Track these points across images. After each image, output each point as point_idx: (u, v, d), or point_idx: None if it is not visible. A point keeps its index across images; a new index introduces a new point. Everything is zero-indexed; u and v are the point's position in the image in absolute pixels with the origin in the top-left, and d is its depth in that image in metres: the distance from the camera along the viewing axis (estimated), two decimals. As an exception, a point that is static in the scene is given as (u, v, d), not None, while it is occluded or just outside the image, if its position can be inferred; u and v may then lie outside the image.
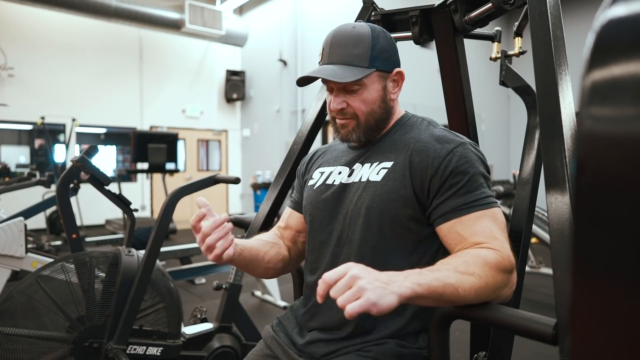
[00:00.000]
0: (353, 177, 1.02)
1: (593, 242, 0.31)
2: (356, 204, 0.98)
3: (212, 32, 8.03)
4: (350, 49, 0.96)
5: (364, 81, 0.97)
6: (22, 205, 3.33)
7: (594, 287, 0.31)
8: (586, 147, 0.30)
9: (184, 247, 4.52)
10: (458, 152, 0.92)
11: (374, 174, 0.98)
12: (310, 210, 1.08)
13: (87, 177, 2.04)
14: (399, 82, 1.03)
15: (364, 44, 0.96)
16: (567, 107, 0.77)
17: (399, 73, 1.02)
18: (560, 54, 0.82)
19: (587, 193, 0.31)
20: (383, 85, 1.00)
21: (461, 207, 0.89)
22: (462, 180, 0.90)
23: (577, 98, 0.32)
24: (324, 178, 1.08)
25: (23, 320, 1.69)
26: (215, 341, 2.06)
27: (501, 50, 1.26)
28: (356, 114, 0.99)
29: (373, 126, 1.01)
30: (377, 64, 0.97)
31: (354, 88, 0.97)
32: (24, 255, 2.28)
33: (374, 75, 0.98)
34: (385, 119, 1.02)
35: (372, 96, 0.98)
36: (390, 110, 1.03)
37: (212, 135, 9.62)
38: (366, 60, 0.96)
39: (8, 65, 7.13)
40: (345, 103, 0.99)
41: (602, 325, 0.30)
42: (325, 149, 1.18)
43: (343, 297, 0.69)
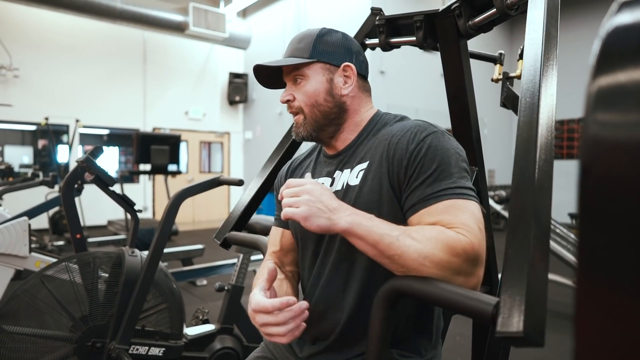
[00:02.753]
0: (335, 185, 1.00)
1: (598, 246, 0.31)
2: None
3: (215, 35, 8.07)
4: (295, 44, 1.01)
5: (305, 72, 0.99)
6: (25, 205, 3.34)
7: (598, 292, 0.31)
8: (591, 152, 0.31)
9: (186, 248, 4.53)
10: (429, 139, 0.88)
11: (352, 177, 0.96)
12: (296, 225, 1.05)
13: (92, 177, 2.06)
14: (351, 77, 1.00)
15: (308, 39, 1.00)
16: (548, 98, 0.78)
17: (348, 67, 1.00)
18: (550, 50, 0.83)
19: (591, 198, 0.31)
20: (328, 78, 0.99)
21: (429, 197, 0.84)
22: (430, 169, 0.85)
23: (583, 104, 0.32)
24: None
25: (27, 320, 1.70)
26: (217, 342, 2.06)
27: (503, 72, 1.27)
28: (301, 107, 1.00)
29: (320, 119, 1.00)
30: (319, 56, 0.98)
31: (298, 79, 1.00)
32: (28, 254, 2.29)
33: (316, 67, 0.99)
34: (336, 113, 1.00)
35: (315, 87, 0.98)
36: (343, 106, 1.00)
37: (214, 137, 9.65)
38: (307, 52, 0.98)
39: (13, 66, 7.17)
40: (291, 95, 1.01)
41: (606, 329, 0.31)
42: (300, 161, 1.16)
43: (285, 201, 0.82)
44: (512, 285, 0.60)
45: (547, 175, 0.69)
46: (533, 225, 0.64)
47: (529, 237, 0.63)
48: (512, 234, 0.65)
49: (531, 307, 0.58)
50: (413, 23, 1.22)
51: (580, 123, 8.31)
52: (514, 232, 0.65)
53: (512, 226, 0.66)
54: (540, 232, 0.64)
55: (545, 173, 0.69)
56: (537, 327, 0.57)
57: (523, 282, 0.60)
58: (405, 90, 7.86)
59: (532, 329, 0.57)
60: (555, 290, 3.86)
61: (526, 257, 0.61)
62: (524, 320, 0.57)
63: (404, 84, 7.89)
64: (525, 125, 0.75)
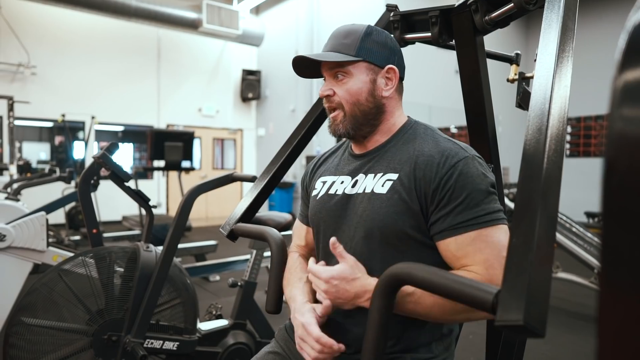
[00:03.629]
0: (357, 187, 1.00)
1: (622, 245, 0.31)
2: (361, 215, 0.96)
3: (228, 32, 8.10)
4: (340, 39, 1.00)
5: (350, 69, 0.98)
6: (42, 201, 3.41)
7: (623, 293, 0.31)
8: (617, 148, 0.30)
9: (199, 244, 4.57)
10: (459, 167, 0.90)
11: (379, 185, 0.96)
12: (315, 221, 1.08)
13: (108, 173, 2.08)
14: (392, 80, 1.01)
15: (355, 36, 0.99)
16: (561, 89, 0.77)
17: (391, 69, 1.00)
18: (566, 41, 0.81)
19: (616, 195, 0.31)
20: (372, 78, 0.99)
21: (458, 226, 0.88)
22: (460, 196, 0.88)
23: (608, 99, 0.32)
24: (327, 188, 1.07)
25: (45, 312, 1.73)
26: (230, 338, 2.08)
27: (519, 72, 1.25)
28: (342, 103, 1.00)
29: (360, 118, 1.00)
30: (366, 55, 0.98)
31: (341, 75, 0.99)
32: (45, 249, 2.33)
33: (361, 66, 0.98)
34: (374, 114, 1.01)
35: (357, 86, 0.98)
36: (382, 107, 1.01)
37: (227, 134, 9.70)
38: (353, 50, 0.97)
39: (31, 64, 7.29)
40: (331, 90, 1.00)
41: (631, 331, 0.30)
42: (326, 157, 1.17)
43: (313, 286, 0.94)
44: (515, 274, 0.59)
45: (556, 165, 0.68)
46: (539, 214, 0.62)
47: (534, 226, 0.61)
48: (517, 223, 0.64)
49: (533, 297, 0.56)
50: (428, 19, 1.21)
51: (597, 120, 8.16)
52: (519, 221, 0.64)
53: (518, 215, 0.65)
54: (547, 221, 0.62)
55: (555, 163, 0.68)
56: (539, 316, 0.56)
57: (526, 271, 0.58)
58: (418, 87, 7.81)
59: (532, 319, 0.55)
60: (570, 290, 3.81)
61: (530, 246, 0.60)
62: (525, 309, 0.55)
63: (417, 81, 7.84)
64: (536, 114, 0.74)
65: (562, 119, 0.72)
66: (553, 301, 3.67)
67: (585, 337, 2.93)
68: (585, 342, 2.83)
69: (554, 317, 3.32)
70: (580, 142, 8.49)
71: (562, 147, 0.70)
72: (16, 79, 7.27)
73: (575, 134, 8.51)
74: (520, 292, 0.57)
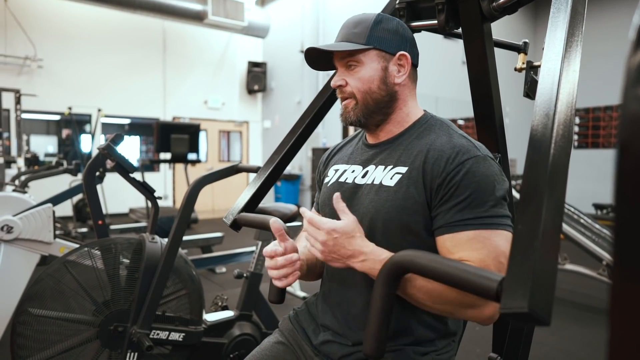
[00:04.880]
0: (367, 178, 1.00)
1: (637, 233, 0.29)
2: (367, 206, 0.96)
3: (234, 24, 8.06)
4: (351, 28, 0.99)
5: (360, 58, 0.97)
6: (49, 193, 3.43)
7: (637, 279, 0.29)
8: (631, 130, 0.29)
9: (205, 236, 4.59)
10: (468, 164, 0.87)
11: (387, 178, 0.96)
12: (324, 207, 1.08)
13: (113, 164, 2.08)
14: (405, 66, 1.00)
15: (365, 25, 0.98)
16: (570, 74, 0.74)
17: (403, 56, 0.99)
18: (575, 25, 0.79)
19: (631, 177, 0.29)
20: (383, 65, 0.98)
21: (456, 223, 0.85)
22: (464, 194, 0.85)
23: (622, 79, 0.30)
24: (338, 176, 1.08)
25: (52, 303, 1.74)
26: (236, 329, 2.09)
27: (527, 61, 1.23)
28: (354, 92, 0.99)
29: (372, 107, 0.99)
30: (376, 43, 0.97)
31: (352, 65, 0.98)
32: (52, 240, 2.34)
33: (372, 53, 0.97)
34: (387, 102, 1.00)
35: (369, 74, 0.98)
36: (395, 95, 1.00)
37: (233, 127, 9.70)
38: (363, 38, 0.97)
39: (37, 57, 7.31)
40: (344, 81, 1.00)
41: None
42: (342, 146, 1.18)
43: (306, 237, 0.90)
44: (519, 261, 0.58)
45: (564, 151, 0.66)
46: (545, 200, 0.60)
47: (540, 212, 0.60)
48: (522, 209, 0.62)
49: (538, 284, 0.55)
50: (435, 6, 1.18)
51: (607, 111, 8.05)
52: (524, 207, 0.62)
53: (523, 201, 0.63)
54: (553, 207, 0.61)
55: (562, 149, 0.66)
56: (544, 304, 0.55)
57: (531, 257, 0.57)
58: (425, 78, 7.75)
59: (537, 306, 0.54)
60: (578, 282, 3.78)
61: (536, 233, 0.58)
62: (530, 297, 0.54)
63: (424, 72, 7.78)
64: (544, 99, 0.72)
65: (570, 104, 0.71)
66: (561, 293, 3.65)
67: (592, 328, 2.92)
68: (593, 334, 2.82)
69: (561, 308, 3.30)
70: (589, 133, 8.39)
71: (570, 132, 0.68)
72: (23, 72, 7.30)
73: (584, 125, 8.41)
74: (525, 279, 0.56)
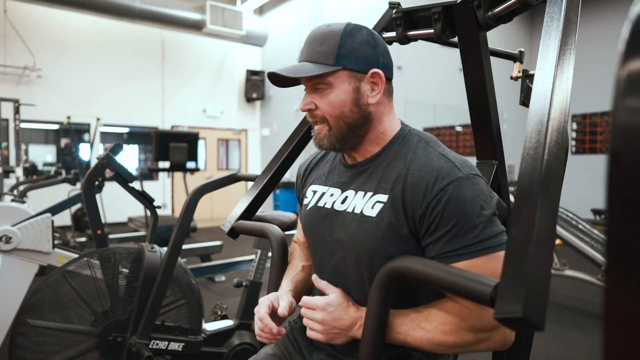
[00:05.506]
0: (346, 204, 0.95)
1: (628, 239, 0.30)
2: (350, 238, 0.92)
3: (232, 33, 8.11)
4: (316, 46, 0.91)
5: (329, 80, 0.90)
6: (48, 202, 3.42)
7: (629, 288, 0.30)
8: (621, 140, 0.30)
9: (205, 244, 4.58)
10: (450, 190, 0.82)
11: (368, 207, 0.90)
12: (306, 230, 1.05)
13: (112, 174, 2.09)
14: (378, 84, 0.92)
15: (331, 42, 0.89)
16: (563, 81, 0.76)
17: (376, 74, 0.91)
18: (568, 34, 0.80)
19: (621, 186, 0.30)
20: (355, 86, 0.90)
21: (447, 254, 0.82)
22: (449, 223, 0.81)
23: (612, 90, 0.31)
24: (317, 199, 1.03)
25: (50, 314, 1.74)
26: (236, 338, 2.08)
27: (522, 70, 1.24)
28: (325, 117, 0.92)
29: (345, 131, 0.92)
30: (345, 62, 0.89)
31: (321, 87, 0.91)
32: (51, 250, 2.34)
33: (342, 74, 0.90)
34: (361, 125, 0.93)
35: (340, 97, 0.90)
36: (369, 116, 0.93)
37: (232, 135, 9.71)
38: (331, 58, 0.88)
39: (36, 67, 7.33)
40: (313, 104, 0.93)
41: (637, 323, 0.30)
42: (317, 160, 1.12)
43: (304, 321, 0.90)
44: (514, 266, 0.58)
45: (557, 157, 0.67)
46: (539, 206, 0.61)
47: (534, 218, 0.60)
48: (516, 215, 0.63)
49: (532, 289, 0.56)
50: (431, 15, 1.20)
51: (603, 117, 8.09)
52: (518, 213, 0.63)
53: (517, 207, 0.64)
54: (547, 213, 0.61)
55: (556, 155, 0.67)
56: (538, 308, 0.55)
57: (525, 262, 0.57)
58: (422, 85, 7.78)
59: (532, 311, 0.55)
60: (577, 288, 3.78)
61: (529, 238, 0.59)
62: (524, 301, 0.55)
63: (421, 79, 7.81)
64: (538, 107, 0.73)
65: (563, 112, 0.72)
66: (560, 299, 3.64)
67: (593, 334, 2.91)
68: (594, 340, 2.81)
69: (561, 314, 3.30)
70: (586, 139, 8.43)
71: (563, 139, 0.69)
72: (22, 81, 7.32)
73: (581, 130, 8.45)
74: (519, 284, 0.56)
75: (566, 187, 1.09)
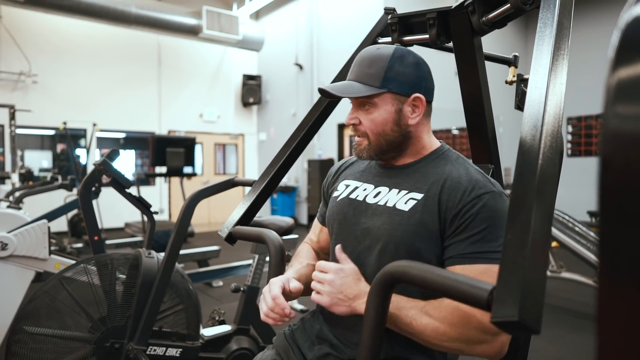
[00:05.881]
0: (378, 198, 1.01)
1: (619, 243, 0.30)
2: (379, 228, 0.96)
3: (228, 37, 8.13)
4: (365, 68, 0.98)
5: (375, 100, 0.98)
6: (44, 208, 3.41)
7: (621, 291, 0.30)
8: (612, 146, 0.30)
9: (202, 250, 4.56)
10: (485, 198, 0.89)
11: (401, 202, 0.96)
12: (332, 222, 1.08)
13: (109, 180, 2.08)
14: (419, 108, 1.00)
15: (379, 65, 0.97)
16: (557, 86, 0.77)
17: (418, 99, 0.99)
18: (561, 39, 0.81)
19: (612, 193, 0.30)
20: (397, 108, 0.98)
21: (469, 255, 0.87)
22: (479, 227, 0.87)
23: (603, 96, 0.31)
24: (349, 191, 1.08)
25: (47, 321, 1.73)
26: (233, 343, 2.07)
27: (517, 74, 1.25)
28: (367, 133, 1.00)
29: (384, 148, 1.00)
30: (391, 85, 0.97)
31: (366, 106, 0.99)
32: (47, 257, 2.33)
33: (386, 96, 0.97)
34: (400, 142, 1.01)
35: (383, 117, 0.98)
36: (409, 135, 1.01)
37: (229, 139, 9.71)
38: (378, 80, 0.96)
39: (32, 72, 7.32)
40: (357, 119, 1.01)
41: (630, 329, 0.30)
42: (354, 160, 1.18)
43: (312, 284, 0.90)
44: (509, 270, 0.59)
45: (552, 161, 0.68)
46: (534, 210, 0.62)
47: (529, 222, 0.61)
48: (511, 218, 0.64)
49: (528, 292, 0.56)
50: (426, 21, 1.21)
51: (598, 119, 8.14)
52: (513, 217, 0.63)
53: (513, 211, 0.64)
54: (542, 217, 0.62)
55: (550, 159, 0.68)
56: (534, 312, 0.56)
57: (520, 266, 0.58)
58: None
59: (528, 314, 0.55)
60: (574, 290, 3.79)
61: (525, 242, 0.60)
62: (520, 305, 0.55)
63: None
64: (532, 112, 0.74)
65: (557, 116, 0.72)
66: (557, 301, 3.65)
67: (590, 336, 2.92)
68: (591, 342, 2.82)
69: (559, 317, 3.30)
70: (582, 142, 8.47)
71: (558, 143, 0.70)
72: (17, 87, 7.31)
73: (577, 133, 8.49)
74: (515, 287, 0.57)
75: (562, 190, 1.10)
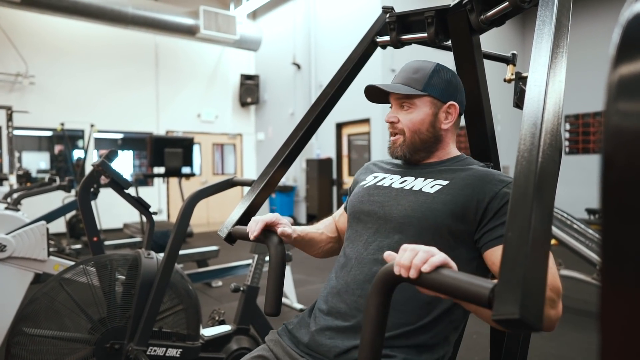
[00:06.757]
0: (404, 184, 1.09)
1: (622, 240, 0.30)
2: (404, 206, 1.03)
3: (226, 37, 8.12)
4: (410, 73, 1.12)
5: (415, 102, 1.09)
6: (42, 210, 3.40)
7: (624, 288, 0.30)
8: (613, 143, 0.30)
9: (201, 250, 4.56)
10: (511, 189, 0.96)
11: (427, 186, 1.04)
12: (354, 202, 1.15)
13: (108, 181, 2.08)
14: (452, 115, 1.11)
15: (424, 72, 1.10)
16: (556, 84, 0.77)
17: (452, 106, 1.11)
18: (560, 37, 0.82)
19: (614, 190, 0.30)
20: (434, 111, 1.10)
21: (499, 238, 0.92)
22: None
23: (604, 94, 0.31)
24: (376, 180, 1.16)
25: (46, 322, 1.72)
26: (233, 343, 2.07)
27: (515, 72, 1.26)
28: (404, 130, 1.11)
29: (418, 145, 1.11)
30: (431, 90, 1.09)
31: (406, 106, 1.10)
32: (46, 258, 2.32)
33: (426, 99, 1.09)
34: (432, 142, 1.11)
35: (420, 117, 1.09)
36: (440, 137, 1.12)
37: (227, 139, 9.70)
38: (421, 85, 1.09)
39: (29, 74, 7.30)
40: (396, 118, 1.12)
41: (633, 326, 0.30)
42: (383, 160, 1.27)
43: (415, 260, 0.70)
44: (510, 268, 0.59)
45: (551, 159, 0.68)
46: (534, 207, 0.63)
47: (529, 219, 0.62)
48: (512, 216, 0.64)
49: (529, 290, 0.57)
50: (424, 19, 1.21)
51: (596, 117, 8.16)
52: (514, 215, 0.64)
53: (513, 208, 0.65)
54: (542, 214, 0.63)
55: (550, 157, 0.68)
56: (535, 309, 0.56)
57: (521, 264, 0.58)
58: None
59: (528, 312, 0.55)
60: (573, 287, 3.80)
61: (525, 240, 0.60)
62: (521, 303, 0.55)
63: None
64: (531, 109, 0.74)
65: (557, 114, 0.73)
66: (556, 299, 3.65)
67: (590, 333, 2.92)
68: (591, 339, 2.82)
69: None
70: (580, 139, 8.48)
71: (557, 141, 0.70)
72: (15, 88, 7.29)
73: (574, 130, 8.50)
74: (515, 285, 0.57)
75: (560, 187, 1.11)
